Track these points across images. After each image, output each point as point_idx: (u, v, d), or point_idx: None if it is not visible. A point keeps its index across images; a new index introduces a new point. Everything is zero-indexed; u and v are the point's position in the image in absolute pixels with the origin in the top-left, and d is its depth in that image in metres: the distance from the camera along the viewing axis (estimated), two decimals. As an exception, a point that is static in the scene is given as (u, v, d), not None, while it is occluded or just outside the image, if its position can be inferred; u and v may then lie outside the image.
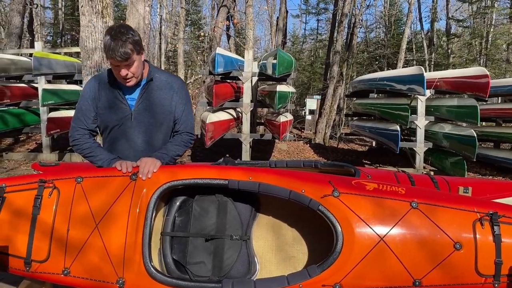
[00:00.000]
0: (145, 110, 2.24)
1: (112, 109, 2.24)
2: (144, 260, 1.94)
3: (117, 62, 2.05)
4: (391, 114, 8.06)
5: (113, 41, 2.01)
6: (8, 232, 2.01)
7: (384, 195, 1.94)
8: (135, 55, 2.09)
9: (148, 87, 2.25)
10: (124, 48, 2.01)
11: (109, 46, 2.02)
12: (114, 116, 2.25)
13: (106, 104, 2.25)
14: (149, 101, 2.24)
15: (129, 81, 2.14)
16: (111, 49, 2.02)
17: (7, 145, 10.62)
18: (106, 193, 2.03)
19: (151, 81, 2.25)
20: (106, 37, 2.03)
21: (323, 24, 36.93)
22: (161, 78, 2.29)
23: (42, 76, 8.41)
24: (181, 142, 2.33)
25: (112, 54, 2.02)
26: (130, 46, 2.04)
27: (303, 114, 21.76)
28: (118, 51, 2.00)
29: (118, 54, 2.01)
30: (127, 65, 2.08)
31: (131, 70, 2.10)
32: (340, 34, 14.26)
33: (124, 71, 2.09)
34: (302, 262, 2.21)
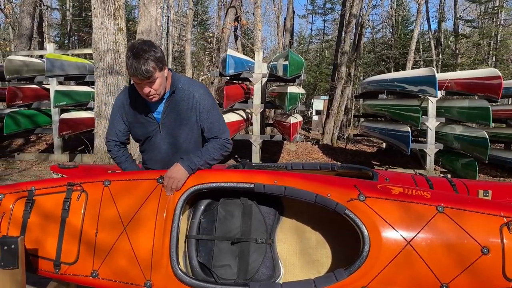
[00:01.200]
0: (171, 122, 2.25)
1: (140, 123, 2.28)
2: (172, 263, 1.96)
3: (139, 80, 2.05)
4: (402, 115, 8.04)
5: (135, 59, 2.00)
6: (37, 235, 2.04)
7: (410, 199, 1.95)
8: (158, 72, 2.07)
9: (171, 99, 2.23)
10: (146, 67, 2.00)
11: (131, 64, 2.02)
12: (143, 130, 2.29)
13: (135, 119, 2.29)
14: (174, 114, 2.24)
15: (152, 97, 2.13)
16: (133, 68, 2.01)
17: (18, 145, 10.73)
18: (134, 196, 2.05)
19: (173, 93, 2.24)
20: (128, 55, 2.04)
21: (330, 24, 36.93)
22: (183, 89, 2.25)
23: (54, 77, 8.48)
24: (215, 145, 2.25)
25: (134, 72, 2.01)
26: (152, 64, 2.02)
27: (309, 114, 21.73)
28: (140, 69, 2.00)
29: (139, 72, 2.00)
30: (150, 83, 2.07)
31: (153, 87, 2.09)
32: (348, 34, 14.24)
33: (147, 89, 2.08)
34: (326, 265, 2.22)
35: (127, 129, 2.35)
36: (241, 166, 3.19)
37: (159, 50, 2.10)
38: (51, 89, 8.57)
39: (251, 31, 25.42)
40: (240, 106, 8.57)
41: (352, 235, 2.18)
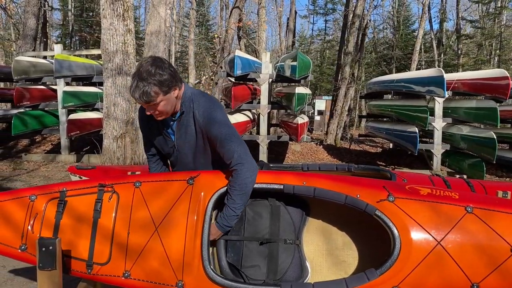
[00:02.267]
0: (184, 142, 2.21)
1: (159, 140, 2.29)
2: (204, 263, 1.98)
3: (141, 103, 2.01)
4: (409, 116, 8.07)
5: (137, 81, 1.94)
6: (70, 236, 2.06)
7: (439, 200, 1.98)
8: (162, 96, 1.98)
9: (182, 120, 2.17)
10: (147, 90, 1.92)
11: (130, 86, 1.97)
12: (163, 147, 2.30)
13: (154, 136, 2.29)
14: (185, 135, 2.19)
15: (157, 117, 2.10)
16: (132, 91, 1.96)
17: (24, 146, 10.76)
18: (164, 197, 2.08)
19: (183, 114, 2.14)
20: (134, 74, 1.98)
21: (331, 24, 36.97)
22: (190, 111, 2.13)
23: (62, 78, 8.51)
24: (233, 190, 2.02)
25: (133, 94, 1.96)
26: (154, 88, 1.94)
27: (311, 114, 21.76)
28: (139, 94, 1.93)
29: (138, 97, 1.95)
30: (152, 105, 2.00)
31: (158, 109, 2.02)
32: (352, 35, 14.27)
33: (150, 111, 2.05)
34: (352, 266, 2.25)
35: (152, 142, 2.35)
36: (259, 167, 3.20)
37: (168, 71, 1.99)
38: (59, 90, 8.60)
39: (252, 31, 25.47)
40: (247, 106, 8.60)
41: (377, 236, 2.21)
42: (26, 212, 2.09)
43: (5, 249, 2.09)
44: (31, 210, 2.09)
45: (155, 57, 2.05)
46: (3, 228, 2.09)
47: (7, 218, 2.09)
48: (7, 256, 2.11)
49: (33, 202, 2.10)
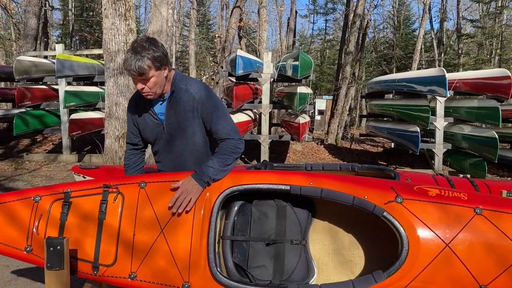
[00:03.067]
0: (174, 124, 2.22)
1: (148, 125, 2.28)
2: (210, 264, 1.97)
3: (133, 76, 2.05)
4: (411, 115, 8.06)
5: (132, 55, 2.01)
6: (75, 237, 2.05)
7: (448, 201, 1.96)
8: (153, 71, 2.04)
9: (172, 100, 2.19)
10: (140, 63, 1.99)
11: (126, 59, 2.03)
12: (151, 132, 2.29)
13: (143, 121, 2.30)
14: (175, 115, 2.20)
15: (147, 95, 2.13)
16: (127, 63, 2.02)
17: (25, 146, 10.74)
18: (170, 198, 2.06)
19: (173, 93, 2.19)
20: (128, 49, 2.06)
21: (331, 24, 36.95)
22: (183, 89, 2.19)
23: (64, 78, 8.49)
24: (227, 149, 2.14)
25: (127, 67, 2.02)
26: (147, 62, 2.01)
27: (311, 114, 21.75)
28: (133, 65, 2.00)
29: (132, 68, 2.00)
30: (144, 80, 2.06)
31: (147, 85, 2.07)
32: (353, 35, 14.25)
33: (140, 85, 2.08)
34: (359, 266, 2.23)
35: (138, 131, 2.36)
36: (262, 166, 3.19)
37: (161, 50, 2.07)
38: (61, 89, 8.60)
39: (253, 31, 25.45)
40: (248, 106, 8.59)
41: (384, 236, 2.19)
42: (31, 214, 2.07)
43: (10, 250, 2.07)
44: (36, 211, 2.08)
45: (150, 37, 2.15)
46: (8, 229, 2.07)
47: (12, 219, 2.08)
48: (13, 257, 2.09)
49: (37, 203, 2.09)
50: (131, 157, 2.43)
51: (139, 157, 2.46)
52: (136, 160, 2.44)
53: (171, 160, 2.31)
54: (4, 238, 2.07)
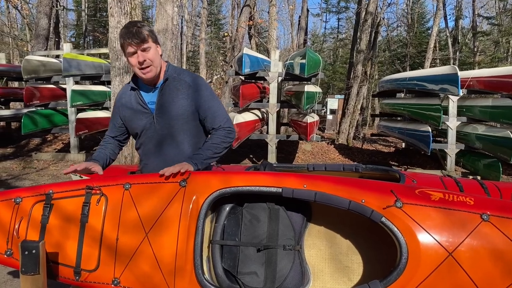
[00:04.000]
0: (165, 112, 2.16)
1: (136, 115, 2.22)
2: (196, 271, 1.86)
3: (133, 46, 2.00)
4: (422, 114, 7.84)
5: (129, 25, 2.03)
6: (57, 240, 1.96)
7: (452, 206, 1.82)
8: (151, 42, 2.05)
9: (164, 88, 2.16)
10: (141, 29, 2.00)
11: (125, 30, 2.01)
12: (138, 122, 2.22)
13: (131, 111, 2.23)
14: (167, 103, 2.15)
15: (147, 71, 2.07)
16: (127, 31, 2.00)
17: (35, 145, 10.81)
18: (155, 200, 1.96)
19: (167, 80, 2.17)
20: (120, 31, 2.05)
21: (344, 23, 36.61)
22: (178, 78, 2.19)
23: (71, 77, 8.49)
24: (218, 139, 2.18)
25: (127, 35, 1.99)
26: (146, 31, 2.02)
27: (323, 113, 21.54)
28: (133, 31, 1.99)
29: (133, 33, 1.99)
30: (144, 50, 2.03)
31: (148, 56, 2.04)
32: (365, 33, 14.01)
33: (141, 57, 2.03)
34: (357, 272, 2.10)
35: (121, 124, 2.30)
36: (262, 167, 3.07)
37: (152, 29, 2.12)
38: (68, 88, 8.60)
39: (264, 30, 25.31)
40: (256, 105, 8.47)
41: (386, 241, 2.05)
42: (11, 216, 1.99)
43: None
44: (17, 214, 2.00)
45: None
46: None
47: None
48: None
49: (18, 205, 2.01)
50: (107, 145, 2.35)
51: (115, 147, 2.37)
52: (106, 147, 2.34)
53: (157, 152, 2.23)
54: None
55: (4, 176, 7.33)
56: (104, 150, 2.30)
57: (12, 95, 11.24)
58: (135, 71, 2.11)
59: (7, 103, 11.64)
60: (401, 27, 31.43)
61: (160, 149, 2.22)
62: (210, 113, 2.19)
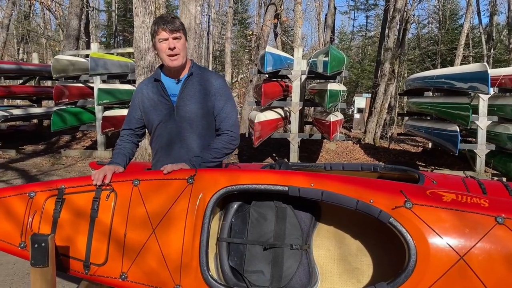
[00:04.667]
0: (186, 105, 2.22)
1: (157, 106, 2.26)
2: (202, 268, 1.86)
3: (166, 32, 2.08)
4: (450, 114, 7.59)
5: (164, 16, 2.14)
6: (68, 234, 2.01)
7: (464, 208, 1.74)
8: (182, 34, 2.14)
9: (188, 82, 2.23)
10: (174, 20, 2.12)
11: (159, 18, 2.13)
12: (158, 112, 2.26)
13: (151, 102, 2.27)
14: (189, 96, 2.22)
15: (175, 58, 2.14)
16: (162, 19, 2.10)
17: (65, 142, 11.16)
18: (163, 197, 1.98)
19: (191, 75, 2.24)
20: (154, 19, 2.17)
21: (372, 20, 35.99)
22: (202, 75, 2.28)
23: (98, 76, 8.71)
24: (220, 144, 2.24)
25: (162, 21, 2.09)
26: (179, 22, 2.14)
27: (351, 112, 21.22)
28: (168, 20, 2.09)
29: (168, 21, 2.08)
30: (175, 38, 2.11)
31: (178, 45, 2.12)
32: (392, 30, 13.70)
33: (172, 43, 2.10)
34: (366, 274, 2.05)
35: (140, 116, 2.33)
36: (277, 166, 3.05)
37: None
38: (95, 87, 8.82)
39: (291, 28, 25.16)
40: (278, 104, 8.42)
41: (397, 243, 1.99)
42: (26, 209, 2.05)
43: (5, 246, 2.07)
44: (31, 207, 2.06)
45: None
46: (4, 224, 2.07)
47: (8, 214, 2.07)
48: (8, 253, 2.09)
49: (32, 199, 2.06)
50: (124, 144, 2.36)
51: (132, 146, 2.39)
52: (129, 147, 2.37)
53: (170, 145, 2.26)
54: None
55: (34, 172, 7.61)
56: (123, 151, 2.34)
57: (44, 94, 11.63)
58: (163, 57, 2.17)
59: (39, 101, 12.06)
60: (432, 24, 30.60)
61: (175, 141, 2.25)
62: (222, 113, 2.25)
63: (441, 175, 3.17)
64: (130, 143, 2.38)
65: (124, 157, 2.30)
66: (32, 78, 11.71)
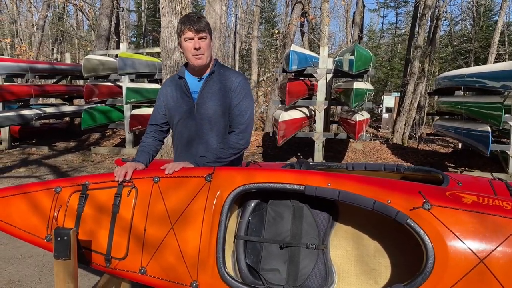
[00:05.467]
0: (206, 103, 2.26)
1: (179, 103, 2.31)
2: (218, 265, 1.89)
3: (192, 32, 2.13)
4: (481, 113, 7.35)
5: (191, 15, 2.17)
6: (90, 229, 2.08)
7: (485, 210, 1.69)
8: (207, 34, 2.19)
9: (209, 80, 2.28)
10: (201, 19, 2.16)
11: (186, 18, 2.16)
12: (179, 109, 2.31)
13: (174, 99, 2.33)
14: (209, 94, 2.26)
15: (199, 57, 2.18)
16: (189, 18, 2.15)
17: (95, 139, 11.49)
18: (182, 194, 2.01)
19: (213, 73, 2.28)
20: (181, 18, 2.20)
21: (403, 17, 35.22)
22: (223, 73, 2.31)
23: (126, 75, 8.91)
24: (226, 144, 2.25)
25: (188, 21, 2.13)
26: (205, 22, 2.19)
27: (379, 112, 20.85)
28: (194, 20, 2.14)
29: (195, 20, 2.13)
30: (200, 38, 2.16)
31: (202, 45, 2.17)
32: (422, 27, 13.37)
33: (198, 43, 2.15)
34: (384, 276, 2.02)
35: (165, 111, 2.39)
36: (297, 165, 3.04)
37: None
38: (124, 86, 9.04)
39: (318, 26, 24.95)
40: (303, 103, 8.38)
41: (416, 245, 1.96)
42: (52, 204, 2.14)
43: (33, 238, 2.16)
44: (56, 202, 2.14)
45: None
46: (31, 218, 2.16)
47: (35, 208, 2.15)
48: (35, 245, 2.17)
49: (58, 194, 2.15)
50: (149, 141, 2.42)
51: (157, 144, 2.45)
52: (154, 144, 2.43)
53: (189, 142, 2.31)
54: (27, 226, 2.16)
55: (65, 168, 7.87)
56: (146, 148, 2.40)
57: (76, 92, 12.02)
58: (188, 56, 2.22)
59: (71, 99, 12.46)
60: (466, 21, 29.64)
61: (198, 138, 2.29)
62: (236, 110, 2.27)
63: (468, 176, 3.08)
64: (154, 140, 2.44)
65: (147, 155, 2.36)
66: (64, 77, 12.11)
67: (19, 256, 3.74)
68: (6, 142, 9.76)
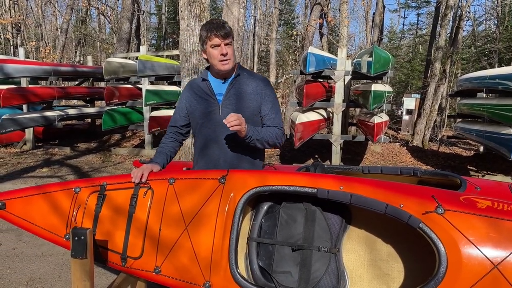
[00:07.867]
0: (232, 104, 2.28)
1: (202, 104, 2.33)
2: (231, 266, 1.92)
3: (219, 38, 2.16)
4: (504, 116, 7.18)
5: (215, 21, 2.20)
6: (107, 228, 2.14)
7: (500, 216, 1.67)
8: (232, 39, 2.22)
9: (235, 82, 2.31)
10: (225, 25, 2.19)
11: (210, 24, 2.18)
12: (203, 110, 2.33)
13: (198, 100, 2.35)
14: (236, 96, 2.29)
15: (226, 62, 2.21)
16: (215, 26, 2.16)
17: (115, 140, 11.71)
18: (196, 195, 2.05)
19: (238, 76, 2.32)
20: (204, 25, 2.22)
21: (424, 18, 34.65)
22: (248, 76, 2.36)
23: (146, 77, 9.06)
24: (273, 133, 2.30)
25: (214, 27, 2.15)
26: (229, 27, 2.21)
27: (400, 114, 20.55)
28: (220, 26, 2.16)
29: (220, 26, 2.16)
30: (227, 44, 2.19)
31: (229, 51, 2.20)
32: (444, 28, 13.13)
33: (225, 49, 2.18)
34: (397, 281, 2.01)
35: (186, 114, 2.41)
36: (312, 168, 3.05)
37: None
38: (143, 88, 9.19)
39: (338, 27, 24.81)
40: (320, 105, 8.36)
41: (428, 250, 1.94)
42: (71, 203, 2.21)
43: (52, 237, 2.23)
44: (75, 202, 2.20)
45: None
46: (51, 217, 2.23)
47: (55, 208, 2.23)
48: (55, 243, 2.25)
49: (77, 194, 2.21)
50: (168, 142, 2.46)
51: (176, 145, 2.48)
52: (172, 146, 2.46)
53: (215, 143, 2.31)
54: (47, 225, 2.23)
55: (85, 169, 8.06)
56: (164, 150, 2.44)
57: (97, 94, 12.27)
58: (214, 63, 2.24)
59: (92, 101, 12.73)
60: (490, 21, 28.96)
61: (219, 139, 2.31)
62: (271, 113, 2.33)
63: (489, 181, 3.02)
64: (173, 142, 2.48)
65: (165, 156, 2.40)
66: (86, 80, 12.39)
67: (40, 254, 3.85)
68: (30, 143, 10.05)
